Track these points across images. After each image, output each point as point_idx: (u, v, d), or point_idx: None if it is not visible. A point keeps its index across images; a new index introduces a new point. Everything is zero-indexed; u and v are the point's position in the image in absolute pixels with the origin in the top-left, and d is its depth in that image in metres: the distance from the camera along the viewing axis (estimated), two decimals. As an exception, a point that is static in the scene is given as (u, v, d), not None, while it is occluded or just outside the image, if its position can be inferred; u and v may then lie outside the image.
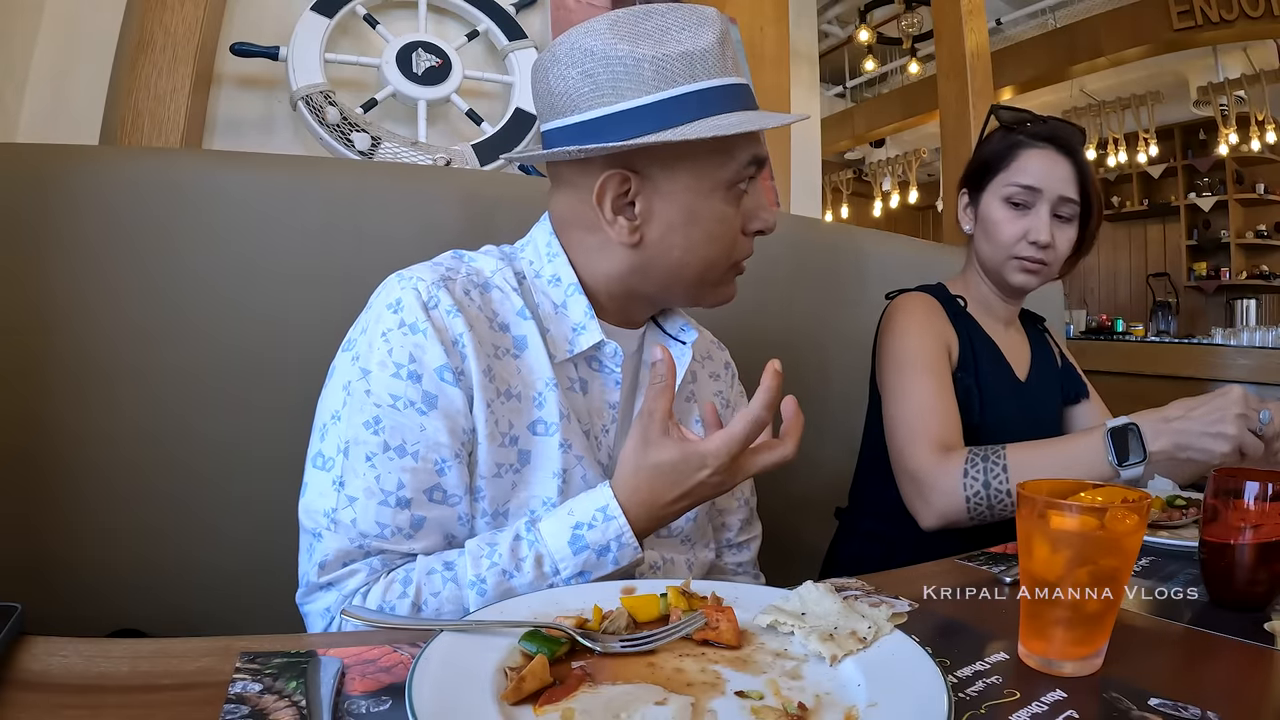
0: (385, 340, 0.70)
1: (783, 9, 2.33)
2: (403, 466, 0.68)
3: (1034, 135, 1.17)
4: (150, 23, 1.35)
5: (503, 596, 0.65)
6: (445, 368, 0.70)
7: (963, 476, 1.00)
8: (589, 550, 0.67)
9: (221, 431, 1.05)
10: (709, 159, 0.74)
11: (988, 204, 1.19)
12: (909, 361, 1.12)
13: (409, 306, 0.71)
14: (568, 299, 0.78)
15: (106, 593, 1.00)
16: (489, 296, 0.76)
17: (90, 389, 1.01)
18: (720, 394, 0.96)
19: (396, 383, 0.69)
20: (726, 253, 0.79)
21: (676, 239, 0.76)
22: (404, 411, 0.69)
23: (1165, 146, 6.53)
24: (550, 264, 0.80)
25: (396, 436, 0.69)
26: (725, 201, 0.77)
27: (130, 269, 1.02)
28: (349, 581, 0.68)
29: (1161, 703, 0.51)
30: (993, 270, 1.22)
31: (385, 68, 1.57)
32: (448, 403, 0.70)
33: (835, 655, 0.54)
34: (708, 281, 0.80)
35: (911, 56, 5.74)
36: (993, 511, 1.00)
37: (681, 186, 0.75)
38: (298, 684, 0.49)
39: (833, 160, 8.35)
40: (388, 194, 1.14)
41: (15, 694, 0.46)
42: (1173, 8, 4.69)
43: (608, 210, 0.75)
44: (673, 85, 0.72)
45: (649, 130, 0.71)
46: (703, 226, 0.76)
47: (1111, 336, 5.53)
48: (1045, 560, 0.57)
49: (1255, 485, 0.71)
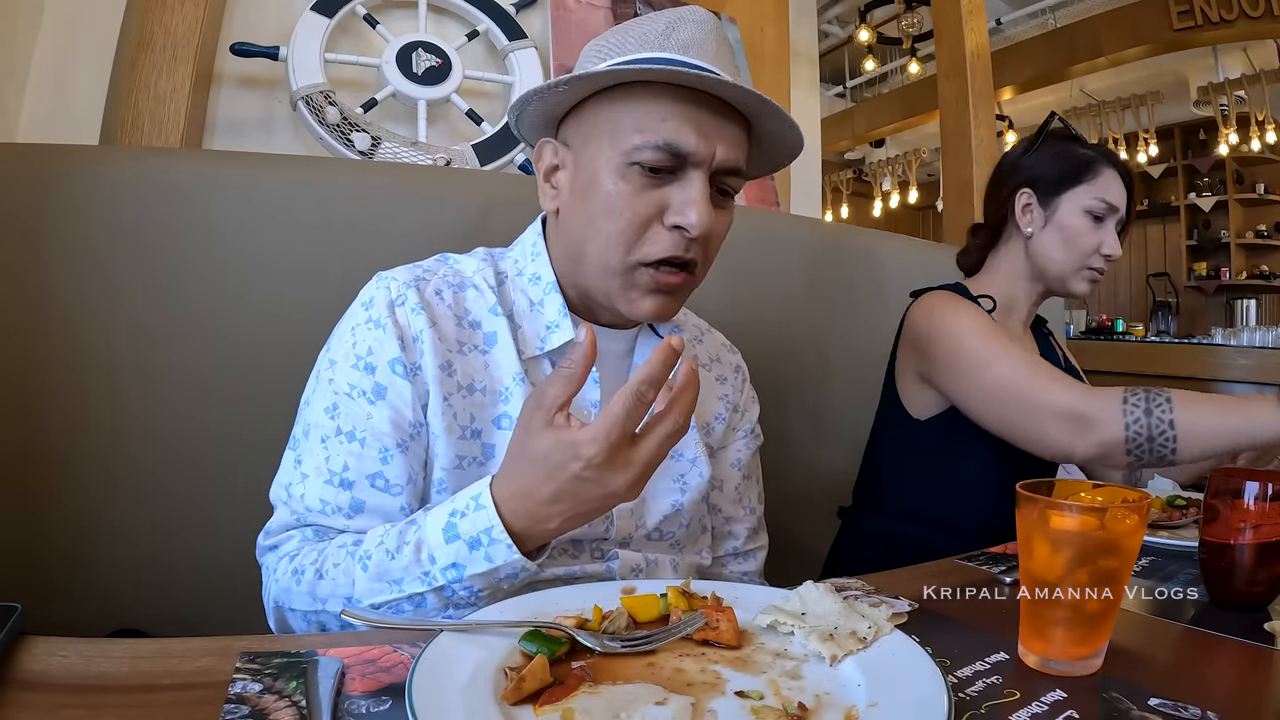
0: (353, 334, 0.74)
1: (783, 9, 2.33)
2: (350, 450, 0.72)
3: (1106, 156, 1.22)
4: (150, 23, 1.35)
5: (382, 577, 0.64)
6: (398, 361, 0.72)
7: (1123, 404, 0.97)
8: (460, 541, 0.62)
9: (222, 428, 1.05)
10: (614, 129, 0.73)
11: (1067, 211, 1.20)
12: (983, 330, 1.12)
13: (377, 303, 0.74)
14: (545, 297, 0.79)
15: (109, 587, 1.00)
16: (463, 295, 0.78)
17: (90, 388, 1.01)
18: (726, 398, 0.94)
19: (354, 373, 0.73)
20: (627, 236, 0.72)
21: (578, 208, 0.75)
22: (357, 400, 0.72)
23: (1165, 146, 6.53)
24: (533, 262, 0.81)
25: (349, 422, 0.72)
26: (623, 178, 0.72)
27: (130, 269, 1.02)
28: (286, 545, 0.73)
29: (1161, 703, 0.51)
30: (1055, 273, 1.22)
31: (385, 68, 1.57)
32: (395, 395, 0.72)
33: (835, 655, 0.54)
34: (613, 271, 0.74)
35: (911, 56, 5.74)
36: (1151, 445, 0.96)
37: (589, 155, 0.74)
38: (298, 684, 0.49)
39: (833, 160, 8.35)
40: (388, 194, 1.14)
41: (15, 694, 0.46)
42: (1173, 8, 4.69)
43: (541, 179, 0.78)
44: (623, 54, 0.74)
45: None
46: (598, 200, 0.73)
47: (1111, 336, 5.53)
48: (1045, 560, 0.57)
49: (1255, 485, 0.71)
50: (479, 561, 0.62)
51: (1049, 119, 1.28)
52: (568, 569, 0.76)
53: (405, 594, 0.63)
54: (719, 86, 0.71)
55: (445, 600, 0.64)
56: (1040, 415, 1.04)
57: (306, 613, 0.68)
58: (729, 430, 0.94)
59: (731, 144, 0.74)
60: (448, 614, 0.64)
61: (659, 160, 0.71)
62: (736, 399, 0.95)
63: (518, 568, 0.62)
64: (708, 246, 0.77)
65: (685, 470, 0.85)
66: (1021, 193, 1.24)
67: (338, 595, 0.66)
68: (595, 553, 0.79)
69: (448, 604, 0.64)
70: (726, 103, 0.74)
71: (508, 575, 0.63)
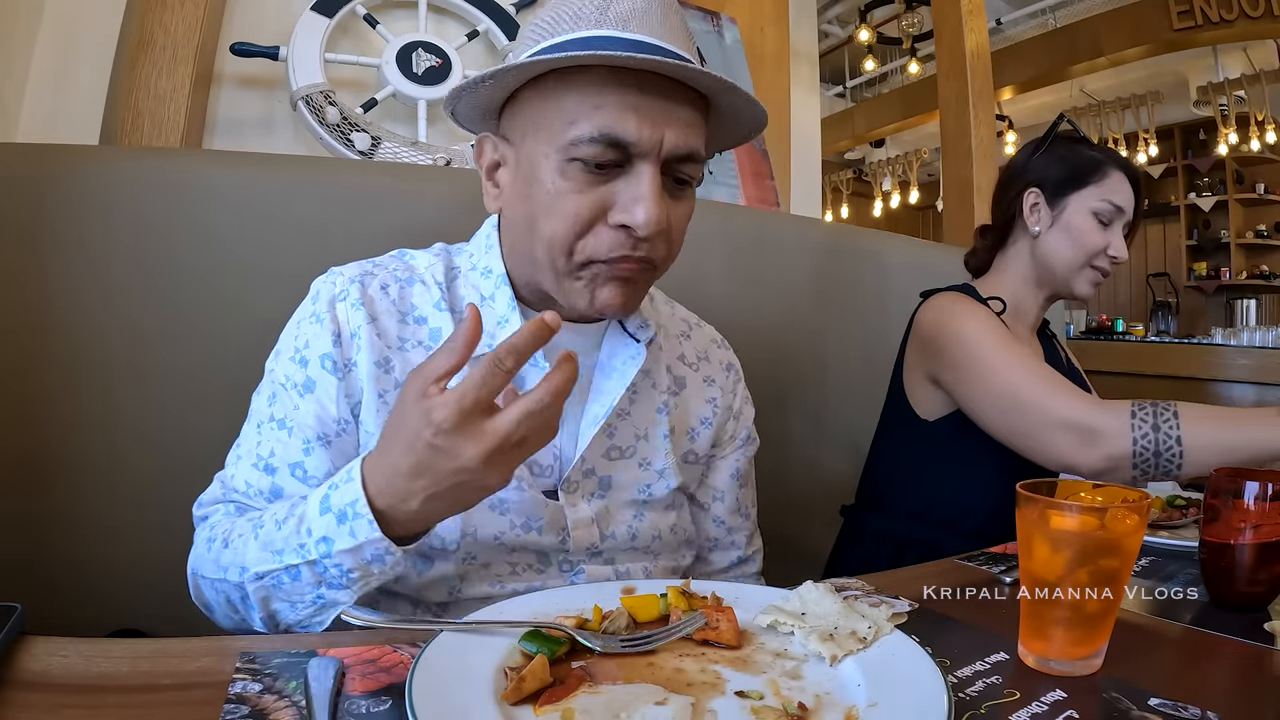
0: (297, 327, 0.75)
1: (783, 9, 2.33)
2: (278, 438, 0.72)
3: (1113, 158, 1.23)
4: (150, 23, 1.35)
5: (268, 546, 0.63)
6: (328, 356, 0.72)
7: (1131, 419, 0.97)
8: (331, 513, 0.59)
9: (220, 430, 1.04)
10: (550, 121, 0.67)
11: (1075, 211, 1.21)
12: (994, 335, 1.12)
13: (321, 298, 0.74)
14: (495, 291, 0.76)
15: (107, 589, 1.00)
16: (409, 290, 0.76)
17: (90, 388, 1.01)
18: (714, 401, 0.89)
19: (291, 365, 0.73)
20: (567, 235, 0.68)
21: (519, 208, 0.72)
22: (289, 391, 0.73)
23: (1165, 146, 6.53)
24: (485, 256, 0.78)
25: (281, 410, 0.73)
26: (562, 174, 0.67)
27: (130, 268, 1.02)
28: (213, 517, 0.73)
29: (1161, 703, 0.51)
30: (1061, 274, 1.23)
31: (385, 68, 1.57)
32: (322, 390, 0.72)
33: (835, 655, 0.54)
34: (558, 271, 0.70)
35: (911, 56, 5.74)
36: (1158, 461, 0.96)
37: (527, 151, 0.70)
38: (298, 684, 0.49)
39: (833, 160, 8.35)
40: (388, 194, 1.14)
41: (15, 694, 0.46)
42: (1173, 8, 4.69)
43: (484, 177, 0.75)
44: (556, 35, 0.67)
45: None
46: (538, 198, 0.68)
47: (1111, 336, 5.53)
48: (1045, 560, 0.57)
49: (1255, 485, 0.71)
50: (345, 537, 0.59)
51: (1058, 120, 1.29)
52: (530, 585, 0.74)
53: (283, 565, 0.61)
54: (661, 65, 0.63)
55: (318, 576, 0.61)
56: (1048, 426, 1.04)
57: (214, 580, 0.67)
58: (722, 437, 0.90)
59: (683, 127, 0.67)
60: (319, 593, 0.61)
61: (600, 155, 0.65)
62: (728, 400, 0.91)
63: (381, 549, 0.59)
64: (669, 241, 0.71)
65: (651, 481, 0.81)
66: (1029, 192, 1.24)
67: (236, 564, 0.65)
68: (564, 566, 0.77)
69: (320, 581, 0.61)
70: (677, 80, 0.66)
71: (374, 558, 0.59)
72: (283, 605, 0.63)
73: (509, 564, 0.75)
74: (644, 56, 0.62)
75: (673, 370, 0.86)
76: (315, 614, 0.63)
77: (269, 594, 0.63)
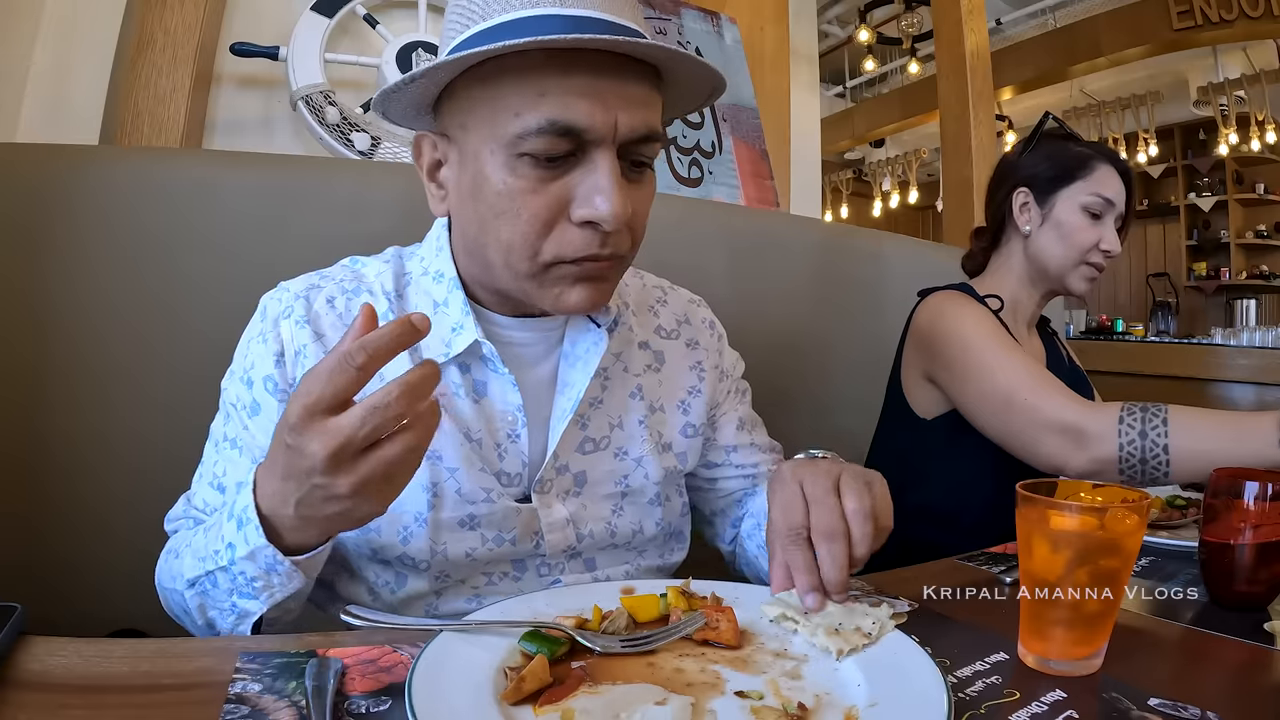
0: (246, 346, 0.73)
1: (783, 9, 2.33)
2: (229, 457, 0.72)
3: (1101, 152, 1.23)
4: (150, 23, 1.35)
5: (196, 553, 0.63)
6: (269, 378, 0.70)
7: (1118, 423, 0.97)
8: (234, 519, 0.58)
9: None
10: (490, 114, 0.61)
11: (1064, 208, 1.21)
12: (989, 336, 1.12)
13: (268, 315, 0.72)
14: (449, 295, 0.71)
15: (107, 590, 1.00)
16: (355, 302, 0.72)
17: (90, 389, 1.01)
18: (699, 365, 0.84)
19: (239, 385, 0.72)
20: (527, 238, 0.63)
21: (468, 212, 0.66)
22: (239, 412, 0.72)
23: (1165, 146, 6.53)
24: (437, 258, 0.73)
25: (233, 430, 0.72)
26: (509, 169, 0.61)
27: (130, 269, 1.02)
28: (176, 533, 0.74)
29: (1161, 703, 0.51)
30: (1054, 272, 1.23)
31: (385, 68, 1.57)
32: (265, 414, 0.70)
33: (841, 649, 0.54)
34: (518, 273, 0.65)
35: (911, 56, 5.74)
36: (1144, 467, 0.96)
37: (470, 149, 0.64)
38: (298, 684, 0.49)
39: (833, 160, 8.35)
40: (388, 194, 1.14)
41: (15, 694, 0.46)
42: (1173, 8, 4.69)
43: (425, 178, 0.70)
44: (487, 18, 0.61)
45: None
46: (486, 199, 0.63)
47: (1111, 336, 5.53)
48: (1045, 560, 0.57)
49: (1255, 485, 0.71)
50: (242, 543, 0.57)
51: (1043, 119, 1.29)
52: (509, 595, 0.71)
53: (204, 571, 0.61)
54: (608, 44, 0.57)
55: (231, 584, 0.59)
56: (1038, 427, 1.05)
57: (169, 590, 0.69)
58: (718, 398, 0.86)
59: (638, 106, 0.62)
60: (233, 601, 0.60)
61: (551, 146, 0.60)
62: (714, 360, 0.86)
63: (269, 557, 0.57)
64: (633, 230, 0.66)
65: (629, 471, 0.77)
66: (1018, 192, 1.25)
67: (180, 574, 0.65)
68: (541, 569, 0.75)
69: (232, 589, 0.60)
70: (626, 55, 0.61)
71: (267, 567, 0.57)
72: (215, 613, 0.64)
73: (484, 575, 0.73)
74: (589, 36, 0.57)
75: (650, 345, 0.82)
76: (237, 622, 0.62)
77: (203, 601, 0.64)
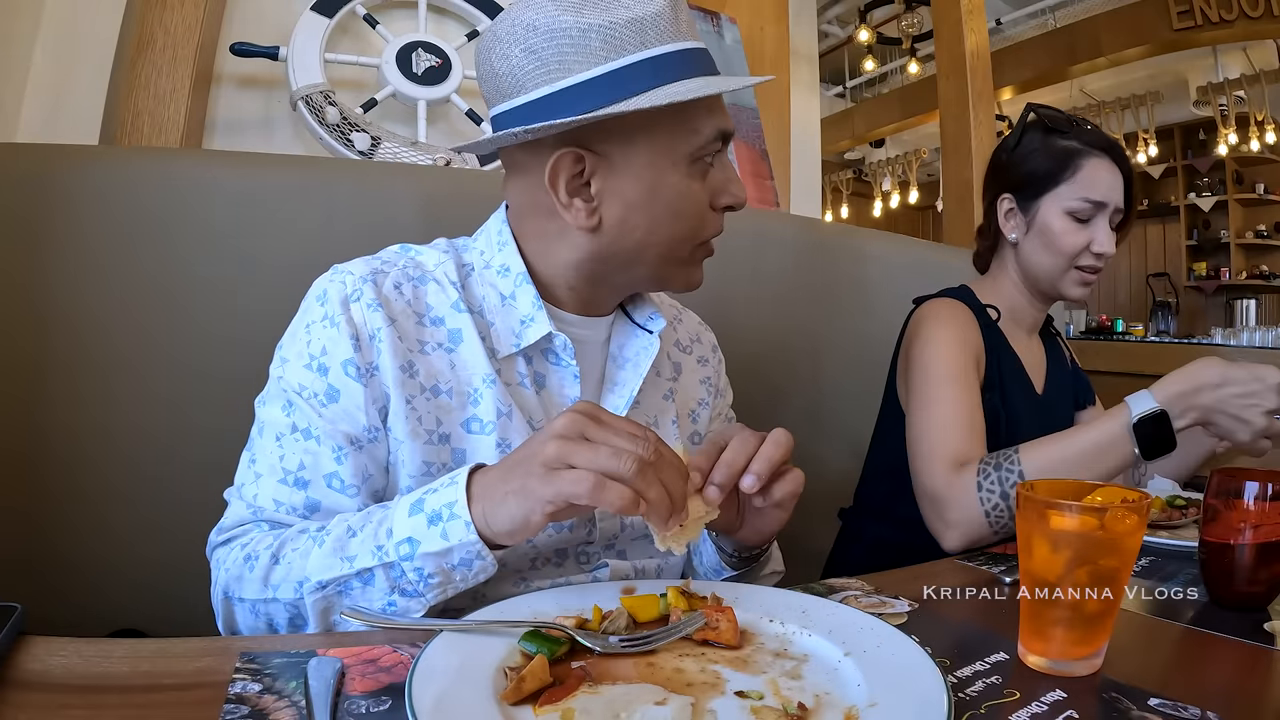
0: (307, 331, 0.71)
1: (783, 9, 2.33)
2: (305, 448, 0.69)
3: (1091, 144, 1.13)
4: (150, 23, 1.35)
5: (337, 552, 0.61)
6: (350, 362, 0.69)
7: (977, 491, 0.94)
8: (422, 514, 0.59)
9: (220, 429, 1.04)
10: (669, 130, 0.70)
11: (1047, 214, 1.14)
12: (936, 372, 1.07)
13: (332, 300, 0.71)
14: (516, 289, 0.75)
15: (107, 589, 1.00)
16: (423, 290, 0.74)
17: (91, 388, 1.01)
18: (708, 381, 0.91)
19: (307, 373, 0.70)
20: (693, 230, 0.74)
21: (638, 218, 0.72)
22: (308, 401, 0.70)
23: (1165, 146, 6.53)
24: (500, 253, 0.76)
25: (304, 420, 0.69)
26: (689, 176, 0.72)
27: (129, 269, 1.02)
28: (242, 537, 0.70)
29: (1161, 703, 0.51)
30: (1045, 280, 1.17)
31: (385, 68, 1.57)
32: (348, 399, 0.69)
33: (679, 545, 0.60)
34: (673, 262, 0.76)
35: (911, 56, 5.74)
36: (1008, 504, 0.93)
37: (641, 162, 0.71)
38: (298, 684, 0.49)
39: (833, 160, 8.35)
40: (388, 194, 1.14)
41: (15, 694, 0.46)
42: (1173, 8, 4.69)
43: (562, 193, 0.71)
44: (623, 54, 0.68)
45: (600, 104, 0.67)
46: (666, 203, 0.72)
47: (1111, 336, 5.54)
48: (1045, 560, 0.57)
49: (1255, 485, 0.71)
50: (434, 539, 0.58)
51: (1024, 113, 1.19)
52: (553, 581, 0.73)
53: (354, 570, 0.60)
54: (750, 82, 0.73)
55: (392, 582, 0.60)
56: (918, 491, 1.02)
57: (255, 602, 0.65)
58: (714, 414, 0.93)
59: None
60: (391, 600, 0.61)
61: (716, 149, 0.73)
62: (716, 381, 0.94)
63: (471, 553, 0.59)
64: None
65: None
66: (1002, 199, 1.19)
67: (290, 580, 0.62)
68: (580, 558, 0.77)
69: (394, 587, 0.60)
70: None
71: (461, 561, 0.59)
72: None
73: (529, 559, 0.74)
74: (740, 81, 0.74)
75: (671, 357, 0.89)
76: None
77: (331, 604, 0.62)
